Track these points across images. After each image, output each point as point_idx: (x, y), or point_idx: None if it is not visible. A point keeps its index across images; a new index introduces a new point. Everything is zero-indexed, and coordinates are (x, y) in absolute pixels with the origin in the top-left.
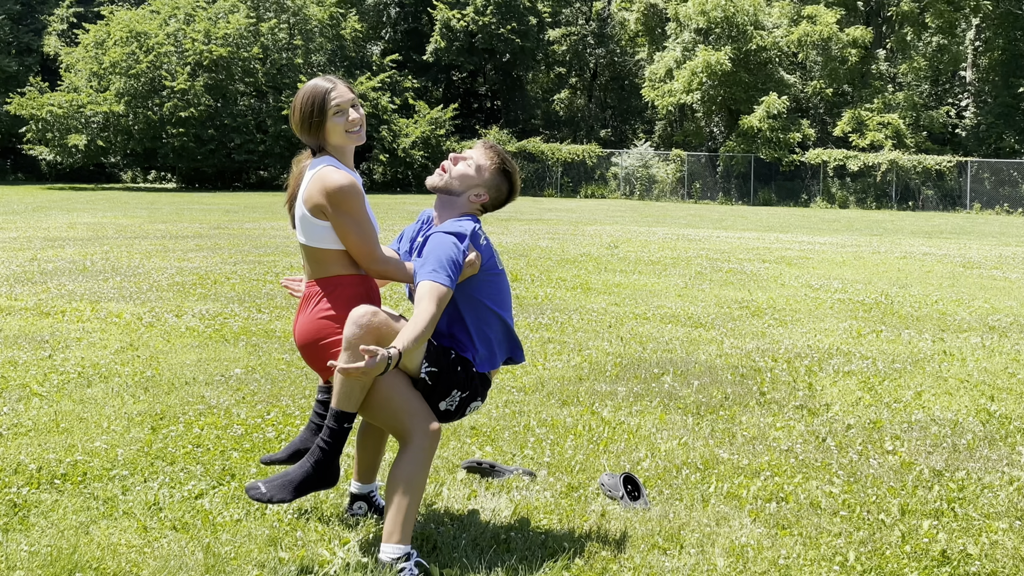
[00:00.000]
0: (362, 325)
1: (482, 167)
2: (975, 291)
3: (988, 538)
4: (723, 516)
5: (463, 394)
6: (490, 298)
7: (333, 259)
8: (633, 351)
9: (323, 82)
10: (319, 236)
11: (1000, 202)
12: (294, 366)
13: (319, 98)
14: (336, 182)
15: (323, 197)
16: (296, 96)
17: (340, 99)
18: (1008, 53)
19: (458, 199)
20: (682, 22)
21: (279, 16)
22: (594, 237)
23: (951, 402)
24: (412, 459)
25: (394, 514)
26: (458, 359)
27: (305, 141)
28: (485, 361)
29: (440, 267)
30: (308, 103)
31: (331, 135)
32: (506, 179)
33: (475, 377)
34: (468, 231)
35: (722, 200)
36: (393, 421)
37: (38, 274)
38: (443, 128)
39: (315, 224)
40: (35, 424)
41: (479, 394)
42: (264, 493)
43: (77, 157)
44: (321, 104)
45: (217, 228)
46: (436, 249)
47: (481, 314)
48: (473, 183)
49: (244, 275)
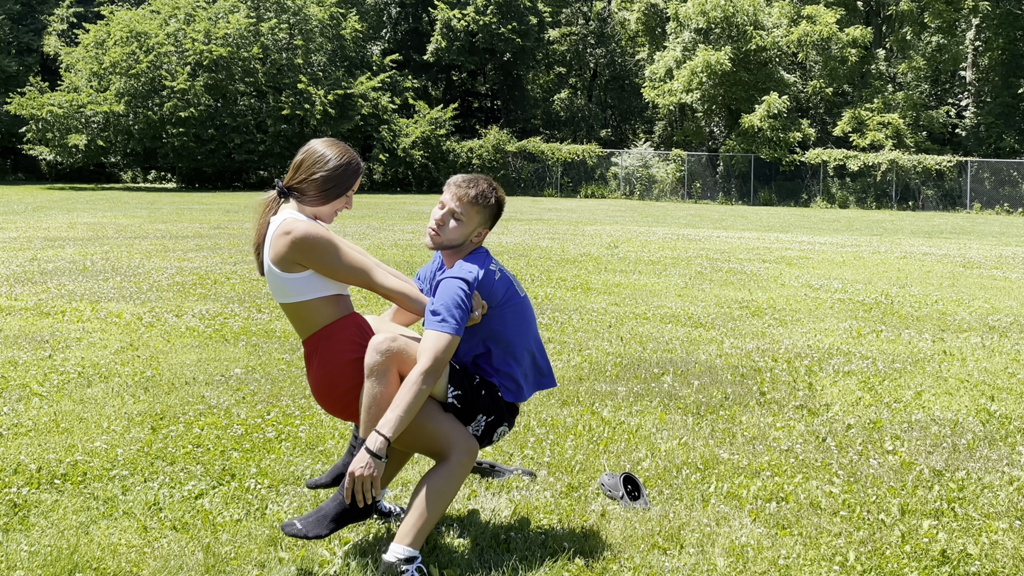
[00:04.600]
0: (382, 352)
1: (467, 212)
2: (975, 291)
3: (988, 538)
4: (723, 516)
5: (488, 419)
6: (514, 329)
7: (315, 310)
8: (633, 351)
9: (354, 157)
10: (294, 290)
11: (1000, 202)
12: (294, 366)
13: (356, 169)
14: (301, 230)
15: (289, 248)
16: (324, 156)
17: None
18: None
19: (462, 246)
20: (682, 22)
21: (279, 16)
22: (594, 237)
23: (951, 402)
24: (448, 474)
25: (414, 519)
26: (483, 383)
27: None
28: (510, 392)
29: (448, 314)
30: (347, 167)
31: (332, 206)
32: (487, 204)
33: (501, 402)
34: (475, 276)
35: (722, 200)
36: (429, 445)
37: (38, 274)
38: (443, 128)
39: (287, 279)
40: (35, 424)
41: (505, 419)
42: (300, 530)
43: (77, 157)
44: (350, 177)
45: (217, 228)
46: (444, 295)
47: (506, 348)
48: (467, 231)
49: (244, 275)
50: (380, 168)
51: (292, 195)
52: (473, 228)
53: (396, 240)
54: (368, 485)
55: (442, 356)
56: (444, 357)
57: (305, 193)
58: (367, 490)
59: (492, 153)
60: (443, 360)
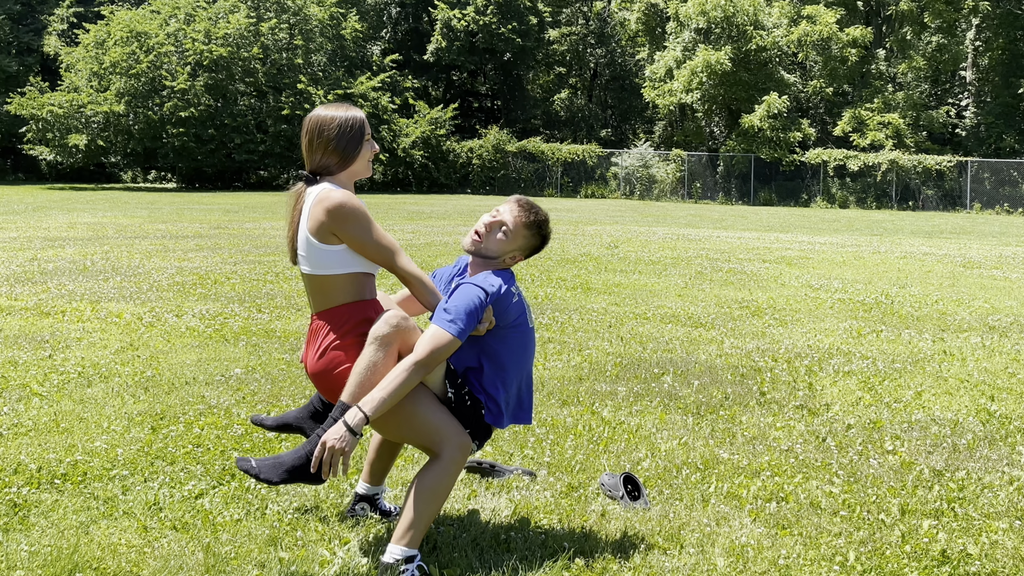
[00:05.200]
0: (392, 325)
1: (516, 231)
2: (975, 291)
3: (988, 538)
4: (723, 516)
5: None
6: (513, 354)
7: (339, 287)
8: (633, 351)
9: (352, 108)
10: (326, 262)
11: (1000, 202)
12: (294, 366)
13: (359, 121)
14: (337, 198)
15: (327, 216)
16: (322, 120)
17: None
18: (1008, 53)
19: (495, 261)
20: (682, 22)
21: (279, 16)
22: (594, 237)
23: (951, 402)
24: (441, 471)
25: (411, 519)
26: (470, 395)
27: (317, 164)
28: (491, 415)
29: (457, 317)
30: (350, 124)
31: (360, 160)
32: (539, 234)
33: (480, 420)
34: (495, 290)
35: (722, 200)
36: (420, 438)
37: (38, 274)
38: (443, 128)
39: (322, 249)
40: (35, 424)
41: (478, 437)
42: (253, 467)
43: (77, 157)
44: (361, 127)
45: (217, 228)
46: (459, 298)
47: (499, 370)
48: (508, 248)
49: (244, 275)
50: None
51: (319, 176)
52: (514, 248)
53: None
54: (339, 458)
55: (439, 353)
56: (441, 355)
57: (330, 166)
58: (336, 464)
59: (492, 153)
60: (439, 357)
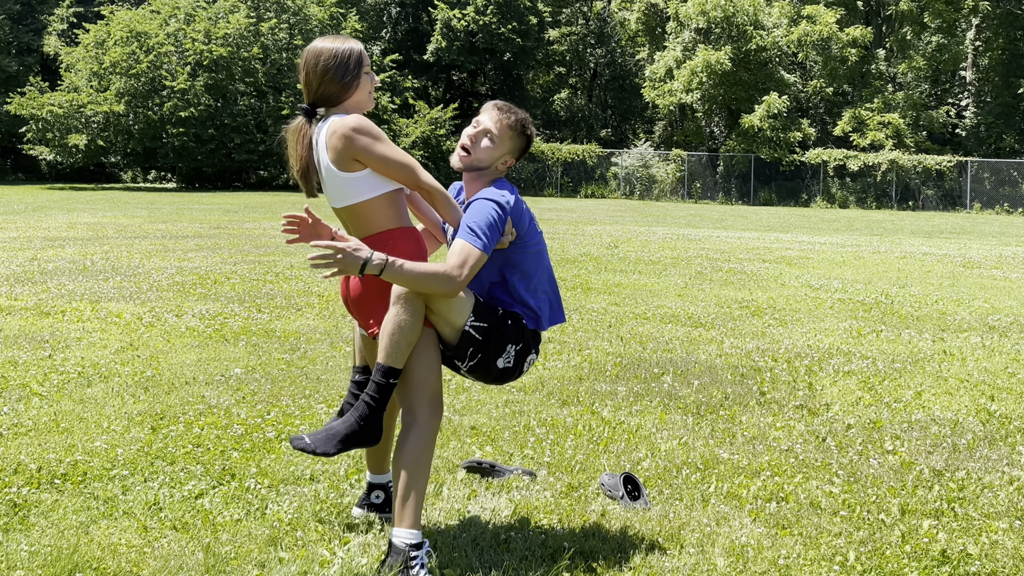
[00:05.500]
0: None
1: (502, 134)
2: (975, 291)
3: (988, 538)
4: (723, 516)
5: (517, 347)
6: (533, 260)
7: (374, 211)
8: (633, 351)
9: (350, 39)
10: (353, 190)
11: (1000, 202)
12: (294, 366)
13: (357, 52)
14: (351, 121)
15: (344, 142)
16: (318, 51)
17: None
18: (1008, 53)
19: (488, 170)
20: (682, 22)
21: (279, 16)
22: (594, 237)
23: (951, 402)
24: (417, 437)
25: (403, 495)
26: (507, 314)
27: (316, 94)
28: (532, 320)
29: (480, 231)
30: (347, 55)
31: (360, 90)
32: (523, 133)
33: (525, 330)
34: (507, 200)
35: (722, 200)
36: (406, 391)
37: (38, 274)
38: (443, 128)
39: (346, 179)
40: (35, 424)
41: (532, 347)
42: (308, 444)
43: (77, 157)
44: (359, 58)
45: (217, 228)
46: (477, 214)
47: (524, 278)
48: (498, 154)
49: (244, 275)
50: None
51: (319, 109)
52: (503, 153)
53: None
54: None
55: (469, 267)
56: (470, 269)
57: (329, 97)
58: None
59: None
60: (468, 272)
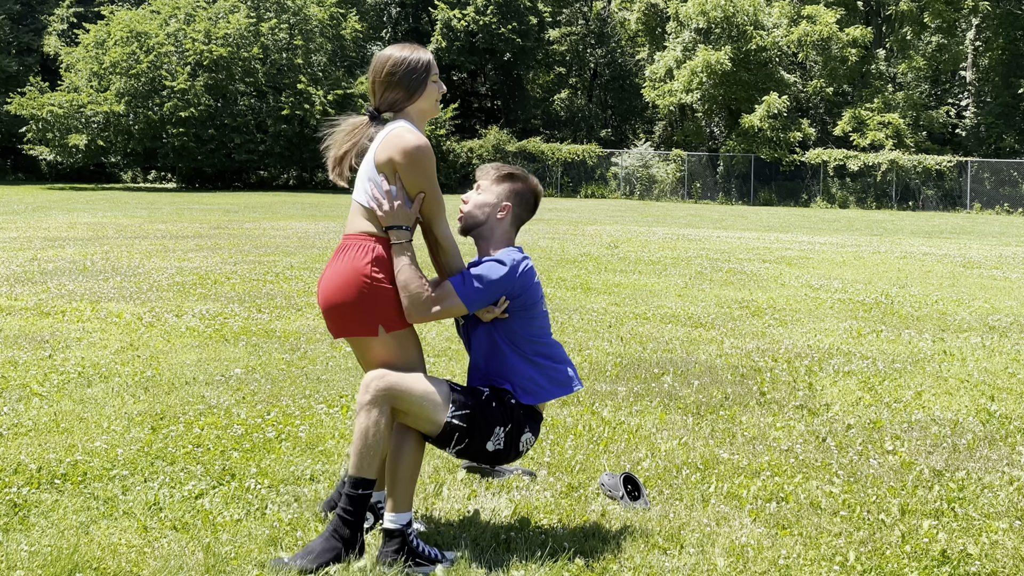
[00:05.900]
0: (371, 389)
1: (490, 185)
2: (975, 291)
3: (988, 538)
4: (723, 516)
5: (506, 428)
6: (534, 335)
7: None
8: (633, 351)
9: (420, 48)
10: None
11: (1000, 202)
12: (294, 366)
13: (425, 61)
14: (414, 141)
15: (399, 155)
16: (386, 57)
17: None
18: (1008, 53)
19: (486, 225)
20: (682, 22)
21: (279, 16)
22: (594, 237)
23: (951, 402)
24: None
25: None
26: (492, 394)
27: (382, 99)
28: (526, 393)
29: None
30: (415, 64)
31: (426, 99)
32: (509, 177)
33: (515, 409)
34: (518, 262)
35: (722, 200)
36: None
37: (38, 274)
38: (443, 128)
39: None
40: (35, 424)
41: (524, 426)
42: (286, 564)
43: (77, 157)
44: (428, 65)
45: (217, 228)
46: (484, 268)
47: (524, 347)
48: (491, 203)
49: (244, 275)
50: None
51: (389, 113)
52: (496, 202)
53: None
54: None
55: (444, 309)
56: (443, 312)
57: (396, 102)
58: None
59: (492, 153)
60: (441, 312)
